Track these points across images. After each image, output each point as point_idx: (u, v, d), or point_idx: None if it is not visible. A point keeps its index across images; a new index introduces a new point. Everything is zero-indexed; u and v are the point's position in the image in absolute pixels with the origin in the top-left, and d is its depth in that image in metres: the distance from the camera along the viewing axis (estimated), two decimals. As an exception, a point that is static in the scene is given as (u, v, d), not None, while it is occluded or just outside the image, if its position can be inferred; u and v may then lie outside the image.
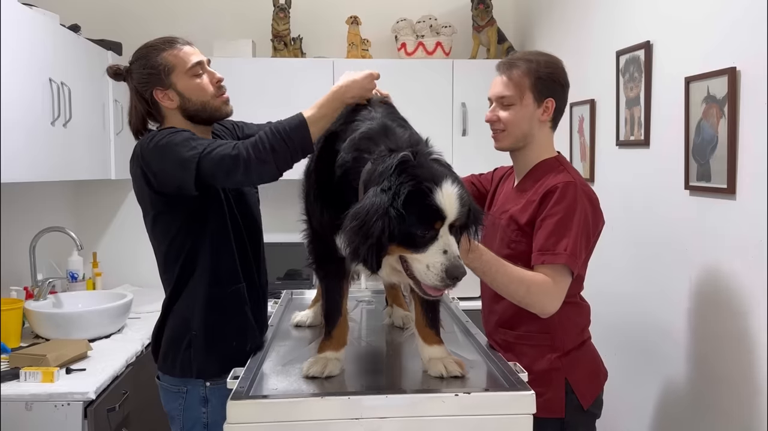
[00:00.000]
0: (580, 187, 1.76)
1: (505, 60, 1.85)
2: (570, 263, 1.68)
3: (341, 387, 1.50)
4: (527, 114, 1.80)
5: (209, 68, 1.85)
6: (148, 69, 1.78)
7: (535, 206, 1.75)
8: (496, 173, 2.10)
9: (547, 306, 1.69)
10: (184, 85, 1.78)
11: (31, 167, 2.51)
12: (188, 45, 1.82)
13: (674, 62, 2.15)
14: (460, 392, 1.41)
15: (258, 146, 1.58)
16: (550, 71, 1.80)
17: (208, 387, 1.79)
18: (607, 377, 1.90)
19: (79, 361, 2.39)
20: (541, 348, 1.80)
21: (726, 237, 1.89)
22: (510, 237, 1.80)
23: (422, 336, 1.58)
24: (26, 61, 2.47)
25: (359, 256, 1.34)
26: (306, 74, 3.51)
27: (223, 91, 1.85)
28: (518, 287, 1.66)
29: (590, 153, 2.79)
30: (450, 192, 1.32)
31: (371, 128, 1.52)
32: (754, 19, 1.74)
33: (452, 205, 1.33)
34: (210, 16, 3.80)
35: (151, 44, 1.81)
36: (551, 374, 1.78)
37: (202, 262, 1.79)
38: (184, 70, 1.78)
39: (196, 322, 1.79)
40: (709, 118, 1.91)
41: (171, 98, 1.79)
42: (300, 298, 2.46)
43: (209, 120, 1.85)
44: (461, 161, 3.49)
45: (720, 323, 1.93)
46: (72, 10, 3.33)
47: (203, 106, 1.80)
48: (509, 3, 3.92)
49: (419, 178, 1.33)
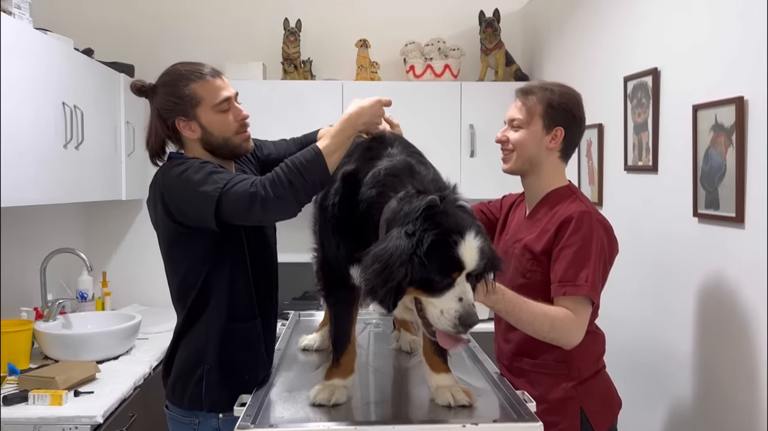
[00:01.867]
0: (595, 216, 1.77)
1: (524, 87, 1.88)
2: (591, 293, 1.69)
3: (348, 416, 1.50)
4: (535, 138, 1.82)
5: (236, 104, 1.81)
6: (175, 98, 1.74)
7: (551, 235, 1.76)
8: (505, 200, 2.10)
9: (572, 339, 1.70)
10: (208, 119, 1.75)
11: (44, 189, 2.54)
12: (218, 77, 1.78)
13: (682, 89, 2.16)
14: (468, 423, 1.40)
15: (276, 182, 1.56)
16: (564, 101, 1.82)
17: (221, 418, 1.76)
18: (621, 406, 1.89)
19: (87, 383, 2.40)
20: (557, 376, 1.79)
21: (734, 265, 1.88)
22: (525, 266, 1.80)
23: (430, 364, 1.58)
24: (41, 85, 2.51)
25: (377, 296, 1.35)
26: (316, 96, 3.55)
27: (245, 128, 1.82)
28: (542, 323, 1.67)
29: (598, 177, 2.79)
30: (472, 245, 1.34)
31: (395, 165, 1.52)
32: (761, 49, 1.75)
33: (473, 257, 1.34)
34: (221, 40, 3.85)
35: (180, 71, 1.76)
36: (566, 403, 1.78)
37: (219, 295, 1.76)
38: (211, 105, 1.74)
39: (210, 356, 1.76)
40: (717, 146, 1.92)
41: (193, 130, 1.76)
42: (308, 320, 2.46)
43: (229, 155, 1.83)
44: (469, 182, 3.53)
45: (728, 349, 1.91)
46: (86, 34, 3.39)
47: (225, 142, 1.78)
48: (517, 26, 3.96)
49: (444, 227, 1.34)
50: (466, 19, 3.86)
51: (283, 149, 2.10)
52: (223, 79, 1.80)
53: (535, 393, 1.66)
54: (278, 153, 2.08)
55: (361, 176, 1.55)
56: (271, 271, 1.93)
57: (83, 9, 3.77)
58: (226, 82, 1.80)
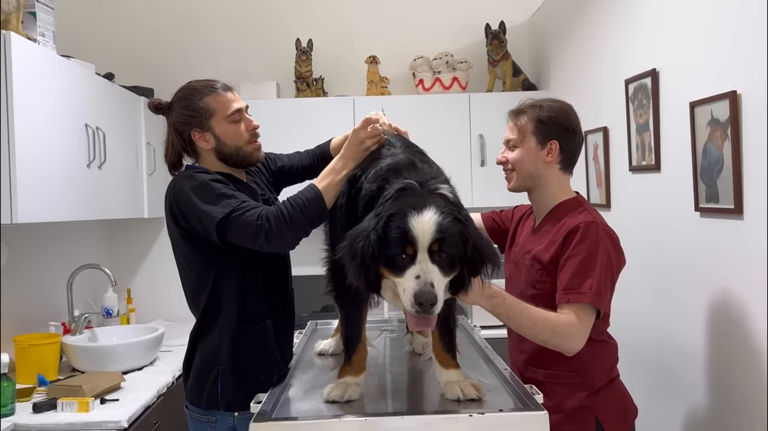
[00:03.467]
0: (602, 227, 1.78)
1: (516, 108, 1.93)
2: (595, 301, 1.69)
3: (361, 411, 1.53)
4: (531, 154, 1.85)
5: (247, 115, 1.92)
6: (190, 111, 1.85)
7: (558, 245, 1.77)
8: (517, 210, 2.13)
9: (573, 345, 1.69)
10: (221, 129, 1.86)
11: (69, 207, 2.65)
12: (230, 91, 1.90)
13: (679, 88, 2.20)
14: (475, 413, 1.43)
15: (279, 217, 1.68)
16: (552, 115, 1.85)
17: (236, 417, 1.84)
18: (637, 414, 1.89)
19: (112, 392, 2.48)
20: (571, 386, 1.80)
21: (737, 256, 1.90)
22: (535, 277, 1.82)
23: (439, 360, 1.62)
24: (64, 108, 2.64)
25: (349, 275, 1.42)
26: (328, 112, 3.63)
27: (256, 138, 1.93)
28: (542, 328, 1.67)
29: (606, 179, 2.83)
30: (426, 220, 1.36)
31: (397, 162, 1.58)
32: (752, 44, 1.79)
33: (424, 230, 1.36)
34: (236, 61, 3.97)
35: (194, 87, 1.89)
36: (582, 412, 1.78)
37: (229, 298, 1.84)
38: (224, 116, 1.86)
39: (224, 357, 1.84)
40: (714, 140, 1.95)
41: (207, 140, 1.87)
42: (325, 328, 2.51)
43: (241, 164, 1.93)
44: (481, 191, 3.59)
45: (737, 342, 1.93)
46: (107, 59, 3.54)
47: (237, 151, 1.89)
48: (524, 37, 4.03)
49: (405, 205, 1.39)
50: (472, 33, 3.95)
51: (296, 160, 2.19)
52: (234, 92, 1.91)
53: (549, 403, 1.64)
54: (291, 164, 2.18)
55: (365, 175, 1.62)
56: (282, 274, 2.00)
57: (105, 36, 3.93)
58: (236, 96, 1.91)
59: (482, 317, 3.26)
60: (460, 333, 2.21)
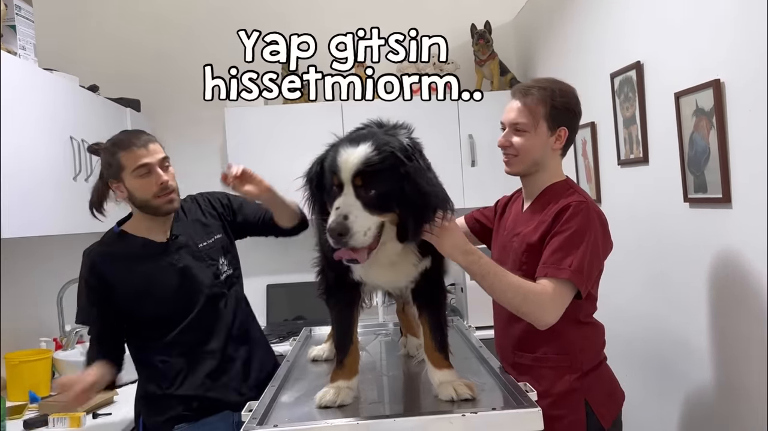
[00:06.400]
0: (593, 207, 1.76)
1: (521, 86, 1.85)
2: (574, 278, 1.66)
3: (354, 415, 1.50)
4: (540, 142, 1.80)
5: (158, 170, 2.00)
6: (106, 163, 2.03)
7: (547, 225, 1.75)
8: (499, 203, 2.11)
9: (543, 317, 1.66)
10: (129, 183, 2.00)
11: (56, 221, 2.63)
12: (143, 147, 1.99)
13: (664, 79, 2.20)
14: (467, 412, 1.42)
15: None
16: (565, 100, 1.81)
17: None
18: (624, 397, 1.89)
19: (105, 406, 2.46)
20: (560, 369, 1.78)
21: (726, 246, 1.89)
22: (522, 259, 1.79)
23: (431, 361, 1.60)
24: (49, 121, 2.62)
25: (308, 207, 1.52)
26: (316, 119, 3.61)
27: (166, 191, 2.01)
28: (515, 294, 1.64)
29: (595, 174, 2.82)
30: (353, 152, 1.38)
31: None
32: (734, 32, 1.79)
33: (348, 162, 1.37)
34: (222, 68, 3.94)
35: (116, 141, 2.04)
36: (571, 395, 1.76)
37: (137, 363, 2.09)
38: (130, 171, 1.98)
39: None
40: (700, 130, 1.95)
41: (121, 191, 2.03)
42: (319, 335, 2.48)
43: (155, 214, 2.04)
44: (472, 191, 3.58)
45: (728, 332, 1.92)
46: (91, 71, 3.50)
47: (146, 203, 2.02)
48: (510, 36, 4.03)
49: (347, 138, 1.43)
50: (458, 34, 3.94)
51: (256, 214, 2.23)
52: (148, 148, 2.01)
53: (539, 388, 1.63)
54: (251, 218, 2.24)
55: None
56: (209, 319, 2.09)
57: (88, 48, 3.91)
58: (151, 150, 2.01)
59: (478, 318, 3.26)
60: (455, 334, 2.20)
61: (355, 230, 1.36)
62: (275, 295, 3.92)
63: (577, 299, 1.72)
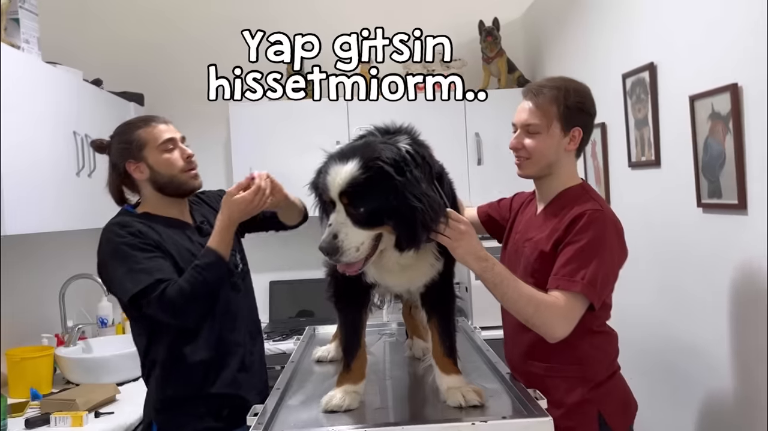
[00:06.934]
0: (608, 216, 1.70)
1: (533, 85, 1.78)
2: (586, 292, 1.60)
3: (361, 421, 1.49)
4: (554, 144, 1.73)
5: (181, 145, 1.96)
6: (123, 143, 1.94)
7: (560, 233, 1.68)
8: (516, 198, 2.03)
9: (554, 330, 1.61)
10: (154, 159, 1.92)
11: (59, 218, 2.60)
12: (164, 123, 1.96)
13: (678, 82, 2.16)
14: (477, 421, 1.39)
15: (183, 292, 1.78)
16: (579, 100, 1.73)
17: None
18: (637, 408, 1.83)
19: (107, 405, 2.43)
20: (572, 380, 1.72)
21: (741, 252, 1.87)
22: (534, 266, 1.73)
23: (440, 366, 1.58)
24: (52, 116, 2.59)
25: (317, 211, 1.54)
26: (321, 116, 3.58)
27: (192, 166, 1.96)
28: (527, 304, 1.59)
29: (605, 176, 2.79)
30: (340, 170, 1.38)
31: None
32: (753, 36, 1.75)
33: (334, 182, 1.38)
34: (226, 63, 3.91)
35: (130, 121, 1.98)
36: (583, 406, 1.71)
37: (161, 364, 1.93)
38: (155, 146, 1.91)
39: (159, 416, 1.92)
40: (715, 135, 1.92)
41: (142, 171, 1.93)
42: (323, 334, 2.46)
43: (177, 193, 1.97)
44: (478, 190, 3.54)
45: (741, 339, 1.90)
46: (95, 65, 3.48)
47: (171, 180, 1.93)
48: (518, 33, 3.99)
49: (340, 152, 1.43)
50: (466, 30, 3.90)
51: None
52: (168, 125, 1.98)
53: (550, 398, 1.58)
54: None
55: None
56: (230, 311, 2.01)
57: (92, 42, 3.87)
58: (170, 127, 1.98)
59: (483, 318, 3.24)
60: (460, 336, 2.17)
61: (345, 247, 1.39)
62: (278, 292, 3.90)
63: (590, 311, 1.67)
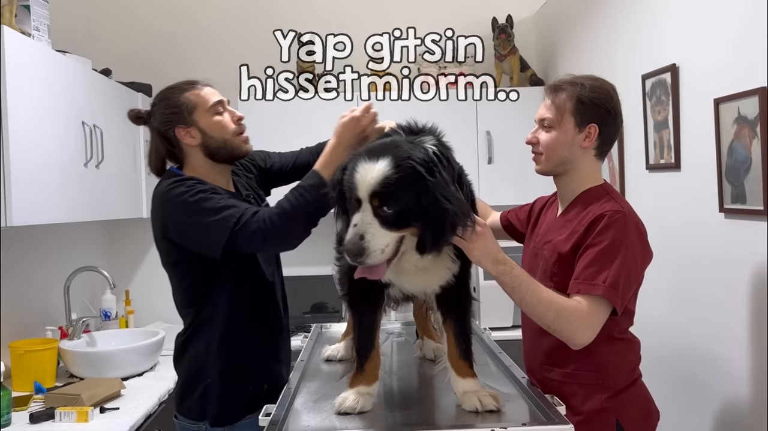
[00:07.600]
0: (630, 217, 1.66)
1: (554, 83, 1.77)
2: (608, 295, 1.56)
3: (374, 423, 1.47)
4: (567, 139, 1.71)
5: (229, 107, 1.88)
6: (171, 108, 1.82)
7: (580, 235, 1.65)
8: (537, 203, 2.01)
9: (576, 336, 1.58)
10: (206, 122, 1.82)
11: (66, 208, 2.56)
12: (208, 86, 1.87)
13: (702, 84, 2.12)
14: (497, 427, 1.37)
15: (283, 214, 1.65)
16: (595, 95, 1.70)
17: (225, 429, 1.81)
18: (659, 417, 1.79)
19: (112, 400, 2.40)
20: (591, 387, 1.68)
21: (764, 259, 1.83)
22: (552, 269, 1.70)
23: (455, 369, 1.55)
24: (60, 105, 2.55)
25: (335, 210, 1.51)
26: (330, 111, 3.53)
27: (242, 129, 1.88)
28: (547, 309, 1.56)
29: (620, 178, 2.75)
30: (371, 169, 1.34)
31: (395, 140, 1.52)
32: (783, 38, 1.72)
33: (365, 182, 1.34)
34: (235, 55, 3.86)
35: (173, 86, 1.87)
36: (602, 415, 1.67)
37: (218, 309, 1.82)
38: (206, 108, 1.82)
39: (211, 370, 1.81)
40: (741, 139, 1.88)
41: (193, 136, 1.82)
42: (330, 332, 2.44)
43: (229, 158, 1.88)
44: (488, 188, 3.51)
45: (763, 349, 1.86)
46: (104, 54, 3.44)
47: (224, 143, 1.83)
48: (531, 31, 3.95)
49: (369, 150, 1.39)
50: (479, 27, 3.85)
51: (288, 158, 2.12)
52: (213, 87, 1.88)
53: (567, 405, 1.57)
54: (282, 162, 2.11)
55: None
56: (268, 283, 1.95)
57: (101, 31, 3.83)
58: (215, 90, 1.88)
59: (491, 319, 3.21)
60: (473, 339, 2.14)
61: (372, 249, 1.35)
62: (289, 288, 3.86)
63: (612, 316, 1.63)
